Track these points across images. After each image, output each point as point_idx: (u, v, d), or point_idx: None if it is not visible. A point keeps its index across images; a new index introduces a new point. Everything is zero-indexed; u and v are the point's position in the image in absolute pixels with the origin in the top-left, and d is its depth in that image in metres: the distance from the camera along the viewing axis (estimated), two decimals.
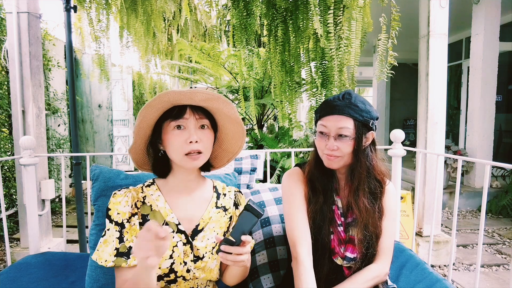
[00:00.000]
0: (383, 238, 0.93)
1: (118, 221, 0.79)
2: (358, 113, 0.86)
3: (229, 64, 4.02)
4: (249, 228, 0.75)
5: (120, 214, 0.80)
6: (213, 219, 0.89)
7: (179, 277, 0.83)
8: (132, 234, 0.80)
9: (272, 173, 3.45)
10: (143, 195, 0.85)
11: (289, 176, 0.99)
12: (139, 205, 0.83)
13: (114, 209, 0.80)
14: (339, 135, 0.87)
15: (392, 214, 0.96)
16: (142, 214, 0.83)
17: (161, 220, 0.83)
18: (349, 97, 0.88)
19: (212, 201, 0.91)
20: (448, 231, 3.22)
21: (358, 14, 1.68)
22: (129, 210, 0.81)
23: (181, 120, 0.80)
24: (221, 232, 0.90)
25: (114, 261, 0.77)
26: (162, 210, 0.84)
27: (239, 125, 0.88)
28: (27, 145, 1.40)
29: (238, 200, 0.97)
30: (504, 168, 3.85)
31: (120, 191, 0.83)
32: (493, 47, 3.91)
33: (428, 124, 2.64)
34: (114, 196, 0.82)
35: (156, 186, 0.87)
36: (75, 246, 2.83)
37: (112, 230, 0.79)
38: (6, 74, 3.04)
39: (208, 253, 0.86)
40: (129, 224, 0.80)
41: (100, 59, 2.64)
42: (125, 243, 0.78)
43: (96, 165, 1.19)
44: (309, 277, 0.83)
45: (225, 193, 0.95)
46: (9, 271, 1.12)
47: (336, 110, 0.87)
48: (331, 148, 0.88)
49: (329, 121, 0.88)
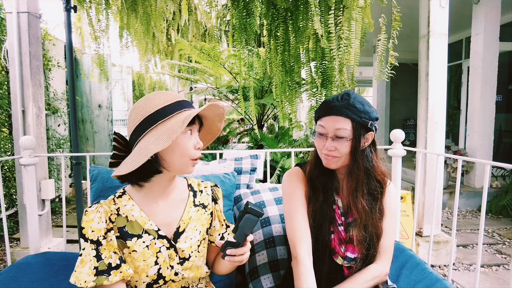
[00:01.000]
0: (384, 238, 0.93)
1: (93, 239, 0.75)
2: (356, 114, 0.85)
3: (229, 64, 4.02)
4: (251, 229, 0.78)
5: (94, 231, 0.76)
6: (193, 218, 0.88)
7: (168, 281, 0.82)
8: (110, 250, 0.76)
9: (272, 173, 3.45)
10: (116, 207, 0.81)
11: (290, 175, 0.99)
12: (113, 218, 0.80)
13: (87, 227, 0.76)
14: (337, 136, 0.87)
15: (393, 214, 0.96)
16: (118, 228, 0.80)
17: (139, 229, 0.80)
18: (348, 98, 0.87)
19: (189, 201, 0.89)
20: (448, 231, 3.22)
21: (358, 15, 1.68)
22: (104, 226, 0.77)
23: (192, 126, 0.80)
24: (203, 230, 0.89)
25: (95, 280, 0.73)
26: (139, 219, 0.81)
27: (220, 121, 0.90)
28: (27, 145, 1.40)
29: (216, 195, 0.96)
30: (504, 168, 3.85)
31: (91, 208, 0.78)
32: (493, 47, 3.91)
33: (428, 124, 2.64)
34: (86, 213, 0.77)
35: (128, 196, 0.83)
36: (75, 246, 2.83)
37: (88, 249, 0.75)
38: (6, 74, 3.04)
39: (194, 252, 0.85)
40: (105, 240, 0.77)
41: (100, 59, 2.64)
42: (103, 261, 0.75)
43: (94, 166, 1.19)
44: (309, 276, 0.83)
45: (201, 190, 0.94)
46: (9, 271, 1.12)
47: (334, 110, 0.87)
48: (329, 149, 0.88)
49: (327, 122, 0.88)
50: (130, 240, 0.80)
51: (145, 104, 0.77)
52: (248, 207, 0.76)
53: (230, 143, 5.16)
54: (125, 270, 0.77)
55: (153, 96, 0.78)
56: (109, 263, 0.75)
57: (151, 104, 0.77)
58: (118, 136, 0.82)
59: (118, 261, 0.76)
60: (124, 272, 0.76)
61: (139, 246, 0.80)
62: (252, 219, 0.76)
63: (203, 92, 4.89)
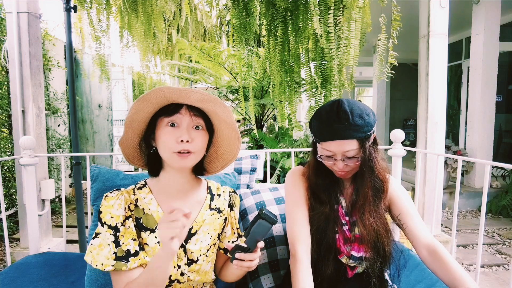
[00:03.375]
0: (413, 220, 0.91)
1: (111, 225, 0.76)
2: (360, 132, 0.83)
3: (229, 64, 4.02)
4: (263, 235, 0.75)
5: (113, 217, 0.77)
6: (207, 221, 0.87)
7: (173, 281, 0.82)
8: (128, 237, 0.77)
9: (272, 173, 3.45)
10: (135, 197, 0.83)
11: (292, 174, 1.00)
12: (132, 207, 0.81)
13: (106, 212, 0.77)
14: (346, 156, 0.85)
15: (406, 199, 0.95)
16: (135, 217, 0.80)
17: (153, 224, 0.81)
18: (346, 116, 0.82)
19: (205, 203, 0.89)
20: (448, 231, 3.22)
21: (357, 14, 1.68)
22: (123, 213, 0.78)
23: (174, 116, 0.78)
24: (215, 235, 0.88)
25: (114, 265, 0.74)
26: (155, 214, 0.82)
27: (234, 131, 0.85)
28: (27, 145, 1.40)
29: (233, 202, 0.95)
30: (504, 168, 3.85)
31: (112, 193, 0.80)
32: (493, 47, 3.91)
33: (428, 124, 2.64)
34: (106, 198, 0.79)
35: (148, 188, 0.85)
36: (75, 246, 2.83)
37: (106, 233, 0.76)
38: (6, 74, 3.04)
39: (203, 255, 0.85)
40: (123, 227, 0.77)
41: (101, 59, 2.65)
42: (121, 247, 0.76)
43: (95, 165, 1.19)
44: (306, 274, 0.83)
45: (220, 194, 0.94)
46: (9, 271, 1.12)
47: (337, 135, 0.83)
48: (341, 169, 0.88)
49: (332, 146, 0.85)
50: (144, 233, 0.80)
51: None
52: (262, 213, 0.73)
53: None
54: (143, 258, 0.77)
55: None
56: (128, 250, 0.76)
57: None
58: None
59: (137, 247, 0.77)
60: (142, 259, 0.77)
61: (151, 240, 0.80)
62: (265, 225, 0.74)
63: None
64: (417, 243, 0.90)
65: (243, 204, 1.27)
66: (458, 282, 0.80)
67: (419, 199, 2.69)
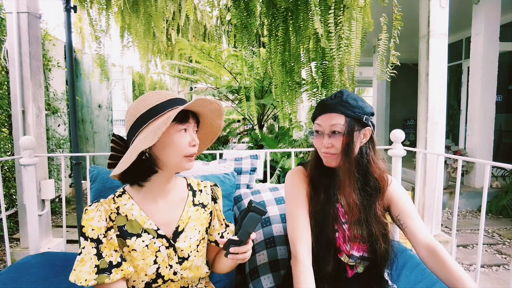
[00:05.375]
0: (413, 221, 0.92)
1: (93, 238, 0.76)
2: (350, 110, 0.88)
3: (229, 64, 4.02)
4: (254, 227, 0.79)
5: (95, 230, 0.76)
6: (193, 217, 0.89)
7: (167, 280, 0.82)
8: (110, 248, 0.77)
9: (272, 173, 3.45)
10: (115, 205, 0.82)
11: (293, 174, 1.00)
12: (113, 217, 0.81)
13: (87, 225, 0.76)
14: (332, 132, 0.89)
15: (405, 199, 0.96)
16: (118, 226, 0.80)
17: (139, 228, 0.81)
18: (341, 95, 0.90)
19: (188, 200, 0.90)
20: (448, 231, 3.22)
21: (358, 14, 1.68)
22: (104, 224, 0.78)
23: (187, 124, 0.81)
24: (202, 229, 0.90)
25: (96, 278, 0.73)
26: (139, 219, 0.82)
27: (218, 114, 0.89)
28: (27, 145, 1.40)
29: (215, 194, 0.97)
30: (504, 168, 3.85)
31: (91, 206, 0.79)
32: (493, 47, 3.91)
33: (428, 124, 2.64)
34: (86, 212, 0.78)
35: (127, 195, 0.84)
36: (75, 246, 2.84)
37: (88, 247, 0.76)
38: (6, 74, 3.04)
39: (193, 251, 0.86)
40: (106, 238, 0.77)
41: (101, 59, 2.65)
42: (104, 259, 0.75)
43: (94, 166, 1.19)
44: (308, 275, 0.83)
45: (201, 189, 0.95)
46: (9, 271, 1.12)
47: (328, 108, 0.90)
48: (326, 146, 0.90)
49: (322, 120, 0.90)
50: (130, 239, 0.80)
51: (138, 104, 0.79)
52: (251, 205, 0.77)
53: (230, 143, 5.16)
54: (126, 268, 0.77)
55: (146, 96, 0.80)
56: (110, 261, 0.76)
57: (143, 104, 0.79)
58: (117, 137, 0.83)
59: (119, 259, 0.77)
60: (125, 270, 0.77)
61: (139, 245, 0.80)
62: (256, 217, 0.77)
63: (203, 92, 4.89)
64: (416, 243, 0.90)
65: (243, 204, 1.27)
66: (457, 282, 0.80)
67: (419, 199, 2.69)
